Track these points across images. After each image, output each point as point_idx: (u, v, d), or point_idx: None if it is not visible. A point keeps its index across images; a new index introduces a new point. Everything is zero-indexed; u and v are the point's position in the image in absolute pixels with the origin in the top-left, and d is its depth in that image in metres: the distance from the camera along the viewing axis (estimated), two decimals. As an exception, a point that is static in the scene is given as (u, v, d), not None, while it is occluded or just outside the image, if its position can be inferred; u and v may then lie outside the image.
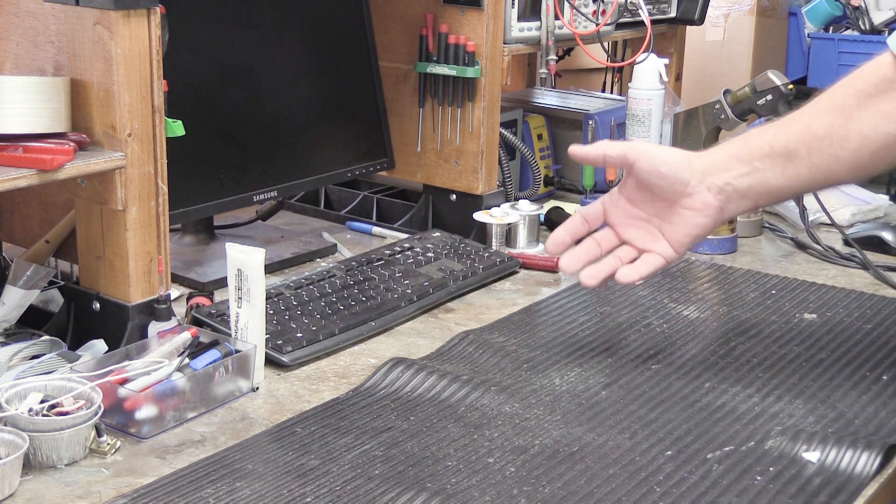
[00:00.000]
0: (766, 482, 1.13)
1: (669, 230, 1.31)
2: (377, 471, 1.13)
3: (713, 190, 1.28)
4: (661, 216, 1.32)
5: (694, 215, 1.29)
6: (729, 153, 1.29)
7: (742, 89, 1.99)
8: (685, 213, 1.29)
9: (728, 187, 1.28)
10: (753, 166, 1.28)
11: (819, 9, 3.45)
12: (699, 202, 1.28)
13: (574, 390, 1.34)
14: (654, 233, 1.33)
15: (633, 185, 1.33)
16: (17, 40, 1.37)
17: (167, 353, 1.30)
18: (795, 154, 1.26)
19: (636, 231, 1.34)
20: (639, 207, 1.33)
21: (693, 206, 1.29)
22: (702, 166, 1.29)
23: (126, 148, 1.30)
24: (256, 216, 1.95)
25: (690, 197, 1.28)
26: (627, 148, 1.32)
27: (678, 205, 1.30)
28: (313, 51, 1.86)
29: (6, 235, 1.53)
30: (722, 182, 1.28)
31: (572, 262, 1.35)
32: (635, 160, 1.30)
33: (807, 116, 1.28)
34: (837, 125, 1.25)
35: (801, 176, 1.27)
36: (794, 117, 1.30)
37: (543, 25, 1.96)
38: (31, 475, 1.12)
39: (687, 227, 1.30)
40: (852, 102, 1.25)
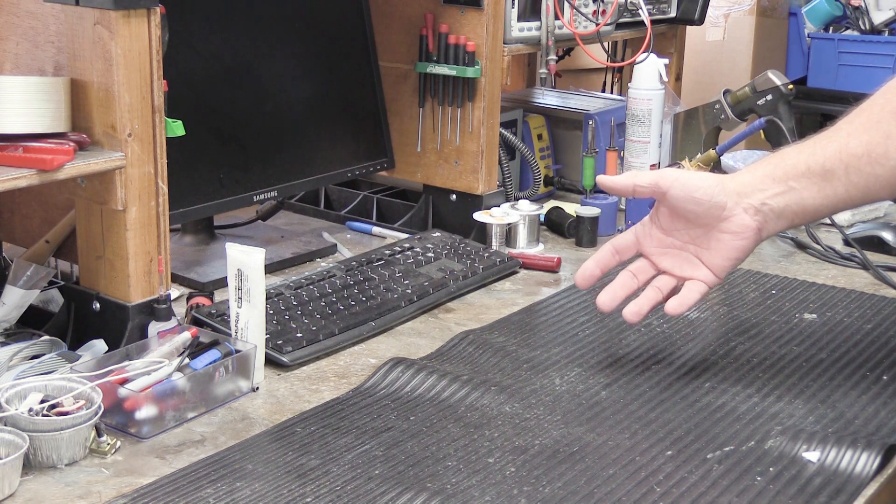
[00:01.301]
0: (766, 482, 1.13)
1: (708, 256, 1.29)
2: (377, 471, 1.13)
3: (750, 211, 1.25)
4: (698, 243, 1.29)
5: (733, 239, 1.27)
6: (764, 173, 1.27)
7: (742, 89, 1.99)
8: (723, 237, 1.27)
9: (764, 207, 1.25)
10: (789, 185, 1.25)
11: (819, 9, 3.46)
12: (737, 225, 1.26)
13: (574, 390, 1.34)
14: (691, 260, 1.30)
15: (667, 214, 1.30)
16: (17, 40, 1.37)
17: (167, 353, 1.30)
18: (833, 173, 1.24)
19: (672, 260, 1.31)
20: (673, 236, 1.31)
21: (731, 229, 1.26)
22: (736, 187, 1.26)
23: (126, 148, 1.30)
24: (256, 216, 1.95)
25: (728, 220, 1.26)
26: (658, 176, 1.29)
27: (715, 229, 1.27)
28: (313, 51, 1.86)
29: (6, 235, 1.53)
30: (758, 202, 1.25)
31: (610, 298, 1.32)
32: (668, 188, 1.27)
33: (843, 135, 1.26)
34: (876, 143, 1.23)
35: (838, 195, 1.25)
36: (830, 135, 1.27)
37: (543, 25, 1.96)
38: (31, 475, 1.12)
39: (727, 251, 1.27)
40: (890, 119, 1.23)
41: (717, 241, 1.27)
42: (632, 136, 2.10)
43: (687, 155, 1.97)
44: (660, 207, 1.31)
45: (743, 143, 2.31)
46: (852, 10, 3.43)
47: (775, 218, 1.26)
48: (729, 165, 2.20)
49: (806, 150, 1.28)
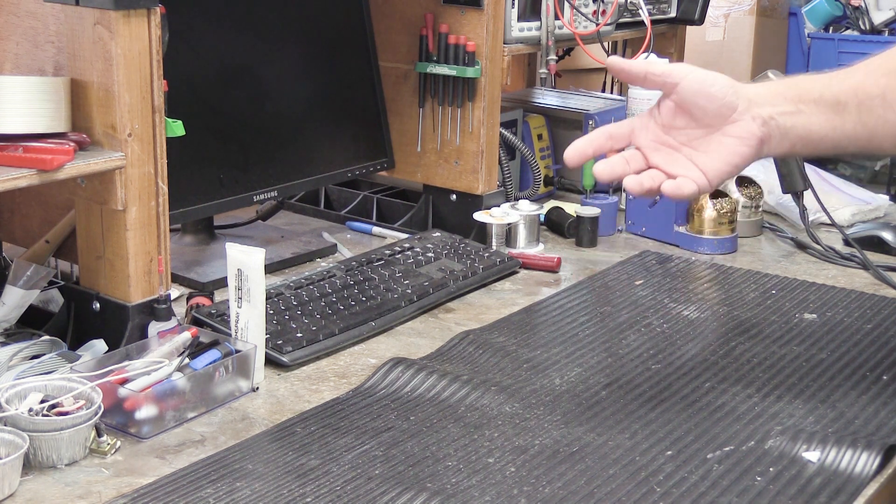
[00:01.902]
0: (766, 482, 1.13)
1: (704, 159, 1.24)
2: (377, 471, 1.13)
3: (758, 120, 1.22)
4: (695, 145, 1.24)
5: (736, 143, 1.22)
6: (776, 90, 1.25)
7: (742, 89, 1.99)
8: (726, 140, 1.22)
9: (772, 121, 1.22)
10: (799, 108, 1.23)
11: (819, 9, 3.46)
12: (744, 129, 1.22)
13: (574, 390, 1.34)
14: (683, 161, 1.24)
15: (670, 109, 1.25)
16: (17, 40, 1.37)
17: (167, 353, 1.30)
18: (845, 106, 1.22)
19: (665, 157, 1.25)
20: (670, 134, 1.26)
21: (737, 133, 1.22)
22: (749, 95, 1.23)
23: (126, 148, 1.30)
24: (256, 216, 1.95)
25: (735, 123, 1.22)
26: (673, 67, 1.25)
27: (720, 131, 1.23)
28: (313, 51, 1.86)
29: (6, 235, 1.53)
30: (766, 115, 1.22)
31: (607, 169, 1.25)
32: (681, 79, 1.23)
33: (861, 74, 1.24)
34: (893, 87, 1.21)
35: (845, 129, 1.23)
36: (848, 72, 1.25)
37: (543, 25, 1.96)
38: (31, 475, 1.12)
39: (728, 154, 1.23)
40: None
41: (717, 144, 1.23)
42: (632, 136, 2.10)
43: (687, 155, 1.97)
44: (664, 101, 1.26)
45: (743, 143, 2.30)
46: (852, 10, 3.42)
47: (779, 136, 1.23)
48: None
49: (822, 79, 1.26)
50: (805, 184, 1.91)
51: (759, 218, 2.01)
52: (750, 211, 1.98)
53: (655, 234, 1.96)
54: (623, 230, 2.01)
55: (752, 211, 1.99)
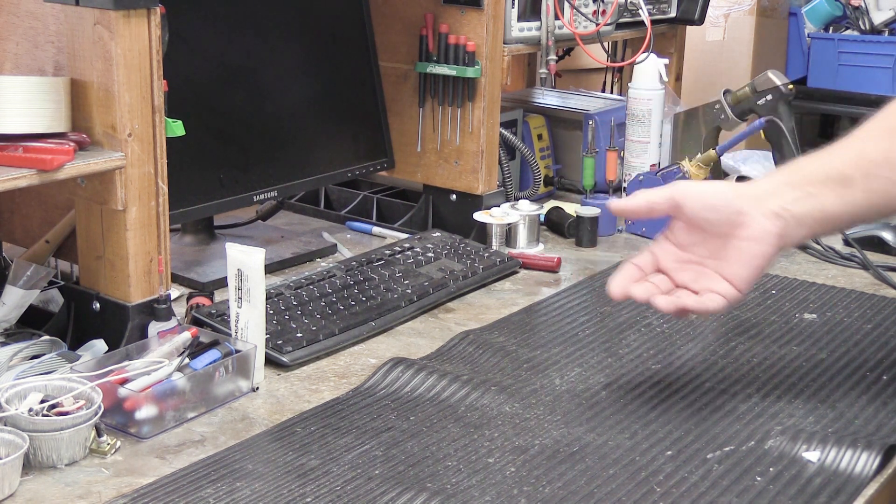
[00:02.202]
0: (766, 482, 1.13)
1: (728, 267, 1.22)
2: (377, 471, 1.13)
3: (769, 216, 1.20)
4: (716, 255, 1.23)
5: (753, 245, 1.21)
6: (780, 180, 1.24)
7: (742, 89, 1.99)
8: (743, 244, 1.21)
9: (785, 213, 1.21)
10: (807, 191, 1.21)
11: (819, 9, 3.46)
12: (757, 230, 1.20)
13: (574, 390, 1.34)
14: (709, 275, 1.24)
15: (682, 228, 1.25)
16: (17, 40, 1.37)
17: (167, 353, 1.30)
18: (851, 179, 1.21)
19: (690, 274, 1.25)
20: (689, 251, 1.25)
21: (751, 235, 1.20)
22: (753, 193, 1.22)
23: (126, 148, 1.30)
24: (256, 216, 1.95)
25: (747, 227, 1.20)
26: (672, 191, 1.24)
27: (734, 237, 1.21)
28: (313, 51, 1.86)
29: (6, 235, 1.53)
30: (777, 207, 1.21)
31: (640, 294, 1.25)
32: (682, 201, 1.23)
33: (859, 142, 1.24)
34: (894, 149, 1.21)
35: (857, 201, 1.22)
36: (846, 143, 1.25)
37: (543, 25, 1.96)
38: (31, 475, 1.12)
39: (748, 258, 1.21)
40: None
41: (736, 250, 1.22)
42: (632, 136, 2.10)
43: (687, 155, 1.97)
44: (675, 223, 1.26)
45: (743, 143, 2.31)
46: (852, 10, 3.42)
47: (796, 224, 1.21)
48: (729, 165, 2.20)
49: (822, 157, 1.25)
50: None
51: (759, 218, 2.01)
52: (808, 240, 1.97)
53: (655, 233, 1.94)
54: (623, 230, 2.01)
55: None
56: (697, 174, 1.91)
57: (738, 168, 2.17)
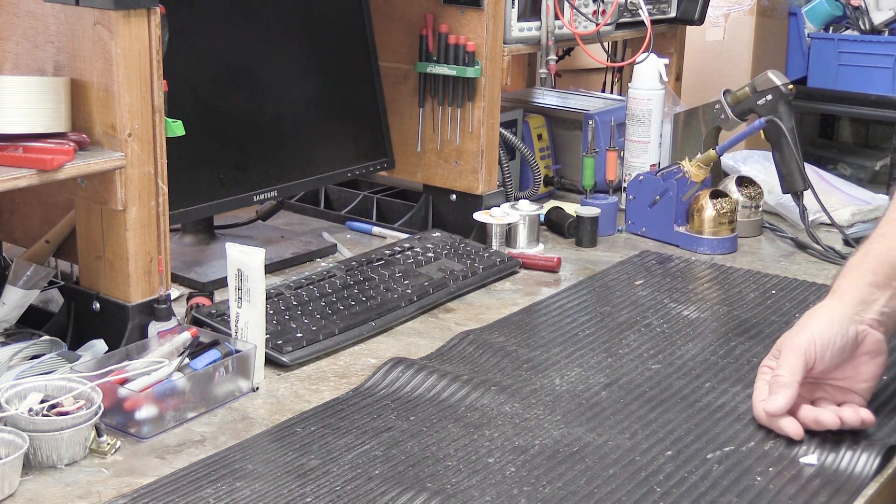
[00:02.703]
0: (766, 482, 1.13)
1: (851, 384, 1.26)
2: (377, 471, 1.13)
3: (874, 325, 1.24)
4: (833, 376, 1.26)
5: (871, 359, 1.25)
6: (866, 282, 1.26)
7: (742, 89, 1.99)
8: (863, 359, 1.25)
9: (884, 317, 1.25)
10: (894, 287, 1.25)
11: (819, 9, 3.46)
12: (871, 344, 1.24)
13: (574, 390, 1.34)
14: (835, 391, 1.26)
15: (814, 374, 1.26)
16: (17, 40, 1.37)
17: (167, 353, 1.30)
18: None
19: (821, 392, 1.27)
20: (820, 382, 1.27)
21: (868, 349, 1.25)
22: (853, 307, 1.25)
23: (126, 148, 1.30)
24: (256, 216, 1.95)
25: (863, 343, 1.24)
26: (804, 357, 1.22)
27: (853, 359, 1.25)
28: (313, 51, 1.86)
29: (6, 235, 1.53)
30: (878, 313, 1.25)
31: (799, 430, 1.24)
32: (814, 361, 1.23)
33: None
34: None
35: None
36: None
37: (543, 25, 1.96)
38: (31, 475, 1.12)
39: (869, 372, 1.25)
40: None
41: (855, 368, 1.25)
42: (632, 136, 2.10)
43: (687, 155, 1.97)
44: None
45: (743, 143, 2.31)
46: (852, 10, 3.42)
47: (894, 323, 1.26)
48: (729, 165, 2.20)
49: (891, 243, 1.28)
50: (805, 184, 1.91)
51: (759, 218, 2.01)
52: (750, 211, 1.98)
53: (655, 234, 1.96)
54: (623, 230, 2.01)
55: (752, 211, 1.99)
56: (697, 174, 1.91)
57: (738, 168, 2.17)
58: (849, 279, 1.28)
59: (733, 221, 1.91)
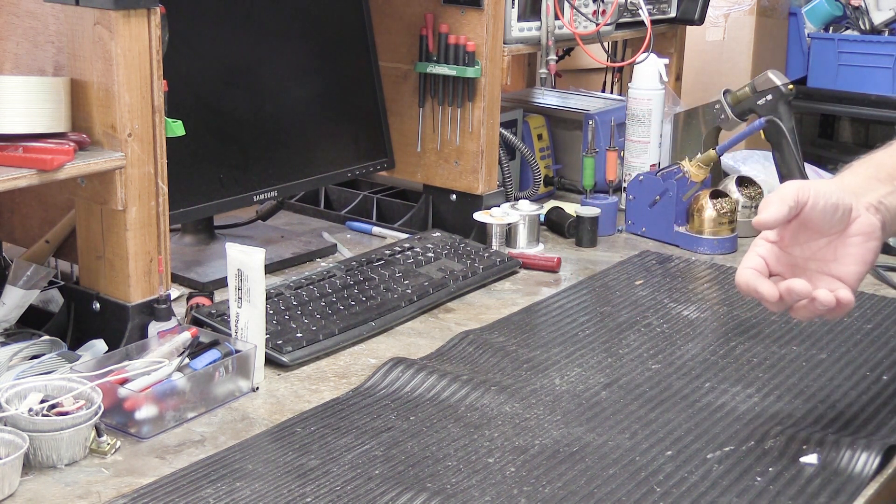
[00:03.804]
0: (766, 483, 1.13)
1: (837, 266, 1.19)
2: (377, 471, 1.13)
3: (871, 210, 1.19)
4: (820, 256, 1.20)
5: (864, 240, 1.18)
6: (867, 175, 1.22)
7: (742, 89, 1.99)
8: (853, 240, 1.18)
9: (881, 206, 1.20)
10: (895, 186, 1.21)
11: (819, 9, 3.46)
12: (865, 225, 1.18)
13: (574, 390, 1.34)
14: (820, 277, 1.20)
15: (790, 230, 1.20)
16: (17, 40, 1.37)
17: (167, 353, 1.30)
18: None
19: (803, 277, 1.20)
20: (793, 252, 1.21)
21: (861, 230, 1.18)
22: (851, 188, 1.20)
23: (126, 148, 1.30)
24: (256, 216, 1.95)
25: (857, 222, 1.18)
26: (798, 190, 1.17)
27: (844, 234, 1.18)
28: (313, 51, 1.86)
29: (6, 235, 1.53)
30: (875, 201, 1.20)
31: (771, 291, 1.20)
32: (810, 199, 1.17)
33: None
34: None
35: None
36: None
37: (543, 25, 1.96)
38: (31, 475, 1.12)
39: (860, 254, 1.18)
40: None
41: (845, 248, 1.19)
42: (632, 136, 2.10)
43: (687, 155, 1.97)
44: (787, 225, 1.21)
45: (743, 143, 2.31)
46: (852, 10, 3.42)
47: (892, 218, 1.21)
48: (729, 165, 2.20)
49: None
50: (805, 184, 1.91)
51: (760, 218, 2.01)
52: (750, 211, 1.98)
53: (655, 234, 1.96)
54: (623, 230, 2.01)
55: (752, 211, 1.98)
56: (697, 174, 1.92)
57: (738, 168, 2.17)
58: (848, 172, 1.25)
59: (733, 221, 1.91)
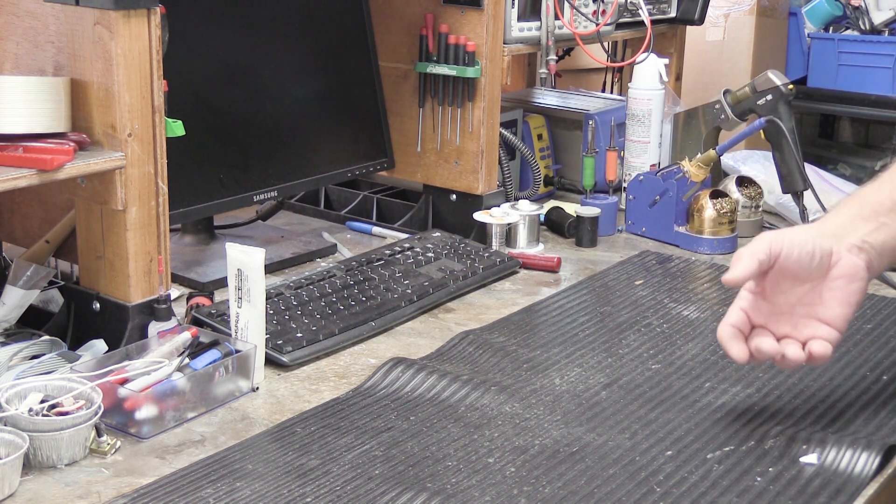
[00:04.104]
0: (766, 483, 1.13)
1: (826, 311, 1.20)
2: (377, 471, 1.13)
3: (854, 250, 1.20)
4: (806, 301, 1.21)
5: (847, 283, 1.20)
6: (850, 214, 1.23)
7: (742, 89, 1.99)
8: (837, 283, 1.20)
9: (865, 244, 1.21)
10: (880, 222, 1.22)
11: (819, 9, 3.45)
12: (848, 267, 1.19)
13: (574, 390, 1.34)
14: (806, 322, 1.22)
15: (771, 279, 1.22)
16: (17, 40, 1.37)
17: (167, 353, 1.30)
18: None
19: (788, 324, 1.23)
20: (777, 301, 1.22)
21: (843, 273, 1.19)
22: (832, 231, 1.21)
23: (126, 148, 1.30)
24: (256, 216, 1.95)
25: (838, 265, 1.19)
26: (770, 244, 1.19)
27: (827, 279, 1.20)
28: (313, 51, 1.86)
29: (6, 235, 1.53)
30: (858, 241, 1.21)
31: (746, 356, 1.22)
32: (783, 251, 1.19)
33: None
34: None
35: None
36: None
37: (543, 25, 1.96)
38: (31, 475, 1.12)
39: (844, 296, 1.20)
40: None
41: (830, 291, 1.20)
42: (632, 136, 2.10)
43: (687, 155, 1.97)
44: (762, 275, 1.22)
45: (743, 143, 2.31)
46: (852, 10, 3.42)
47: (878, 255, 1.21)
48: (729, 165, 2.20)
49: (885, 186, 1.25)
50: (805, 184, 1.91)
51: (759, 218, 2.01)
52: (750, 211, 1.98)
53: (655, 234, 1.96)
54: (623, 230, 2.01)
55: (752, 211, 1.99)
56: (697, 174, 1.92)
57: (738, 168, 2.17)
58: (832, 212, 1.26)
59: (733, 221, 1.91)
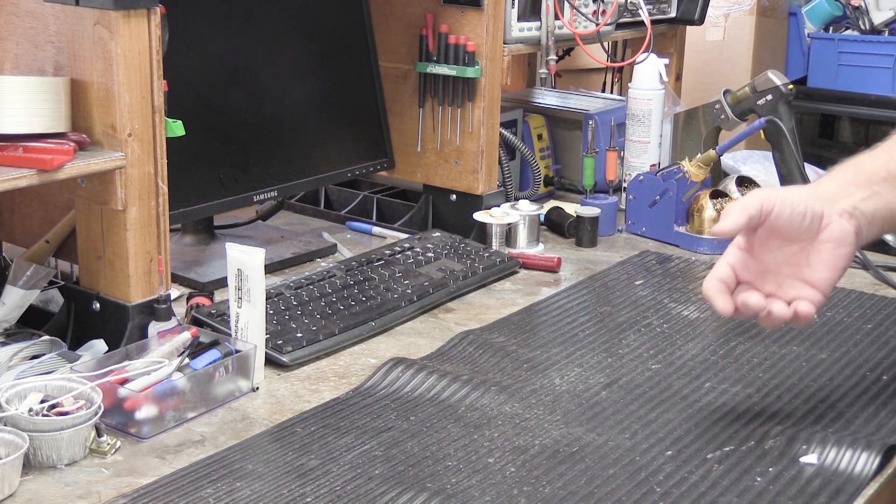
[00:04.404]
0: (766, 483, 1.13)
1: (812, 273, 1.20)
2: (377, 471, 1.13)
3: (844, 216, 1.19)
4: (793, 261, 1.20)
5: (835, 247, 1.19)
6: (844, 180, 1.22)
7: (742, 89, 1.99)
8: (825, 247, 1.19)
9: (856, 211, 1.20)
10: (873, 190, 1.21)
11: (819, 9, 3.45)
12: (838, 231, 1.19)
13: (574, 390, 1.34)
14: (791, 283, 1.21)
15: (760, 237, 1.21)
16: (17, 40, 1.37)
17: (167, 353, 1.30)
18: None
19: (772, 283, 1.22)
20: (764, 259, 1.22)
21: (832, 236, 1.19)
22: (824, 195, 1.21)
23: (126, 148, 1.30)
24: (256, 216, 1.95)
25: (827, 229, 1.19)
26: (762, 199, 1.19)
27: (815, 241, 1.19)
28: (313, 51, 1.86)
29: (6, 235, 1.53)
30: (850, 206, 1.20)
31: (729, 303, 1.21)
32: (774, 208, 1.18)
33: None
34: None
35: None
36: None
37: (543, 25, 1.96)
38: (31, 475, 1.12)
39: (831, 260, 1.19)
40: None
41: (817, 254, 1.20)
42: (632, 136, 2.10)
43: (687, 155, 1.97)
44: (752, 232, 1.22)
45: (743, 143, 2.31)
46: (852, 10, 3.42)
47: (867, 223, 1.21)
48: (729, 165, 2.20)
49: (881, 156, 1.24)
50: (805, 184, 1.91)
51: (759, 218, 2.01)
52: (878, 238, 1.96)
53: (655, 234, 1.96)
54: (623, 230, 2.01)
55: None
56: (697, 174, 1.92)
57: (738, 168, 2.17)
58: (827, 177, 1.25)
59: (733, 221, 1.91)
